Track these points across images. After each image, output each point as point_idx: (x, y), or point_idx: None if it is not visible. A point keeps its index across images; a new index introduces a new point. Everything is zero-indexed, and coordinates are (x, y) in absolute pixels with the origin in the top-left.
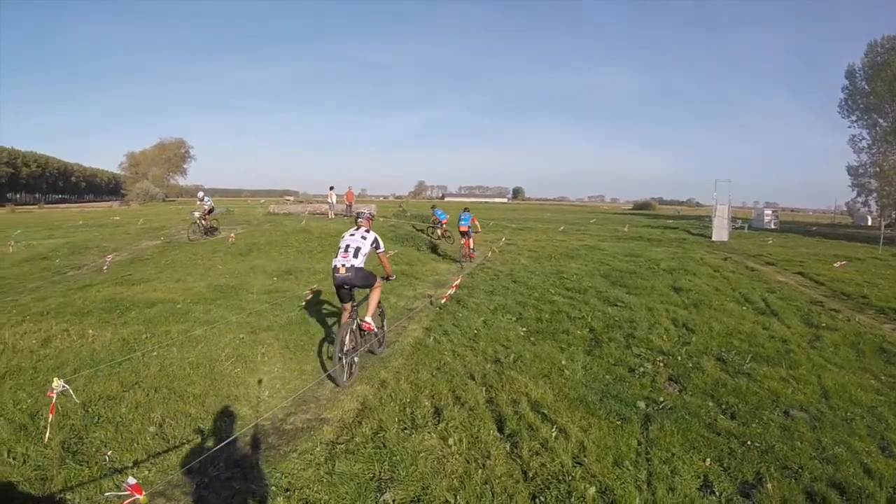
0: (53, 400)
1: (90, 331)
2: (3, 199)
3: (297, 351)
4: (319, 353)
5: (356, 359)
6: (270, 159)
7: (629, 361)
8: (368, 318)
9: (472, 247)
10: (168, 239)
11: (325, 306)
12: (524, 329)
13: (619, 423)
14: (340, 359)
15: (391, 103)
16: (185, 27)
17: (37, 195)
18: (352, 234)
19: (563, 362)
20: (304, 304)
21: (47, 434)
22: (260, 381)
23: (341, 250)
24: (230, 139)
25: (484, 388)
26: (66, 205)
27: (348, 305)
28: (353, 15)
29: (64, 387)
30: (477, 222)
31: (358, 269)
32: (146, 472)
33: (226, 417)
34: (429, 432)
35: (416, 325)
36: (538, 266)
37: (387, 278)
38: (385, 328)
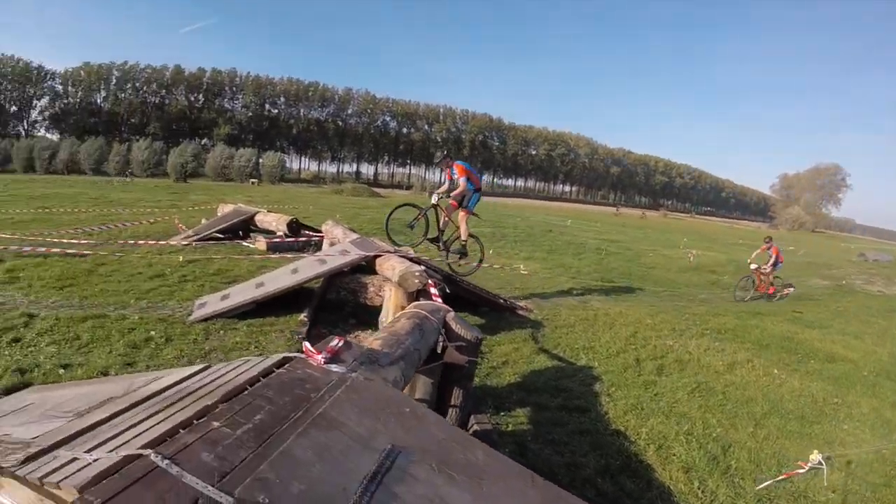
0: (802, 471)
1: (775, 370)
2: (657, 204)
3: None
4: None
5: None
6: None
7: None
8: None
9: None
10: (838, 281)
11: None
12: None
13: None
14: None
15: None
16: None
17: (687, 204)
18: None
19: None
20: None
21: None
22: None
23: None
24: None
25: None
26: (714, 218)
27: None
28: None
29: (821, 463)
30: None
31: None
32: None
33: None
34: None
35: None
36: None
37: None
38: None
